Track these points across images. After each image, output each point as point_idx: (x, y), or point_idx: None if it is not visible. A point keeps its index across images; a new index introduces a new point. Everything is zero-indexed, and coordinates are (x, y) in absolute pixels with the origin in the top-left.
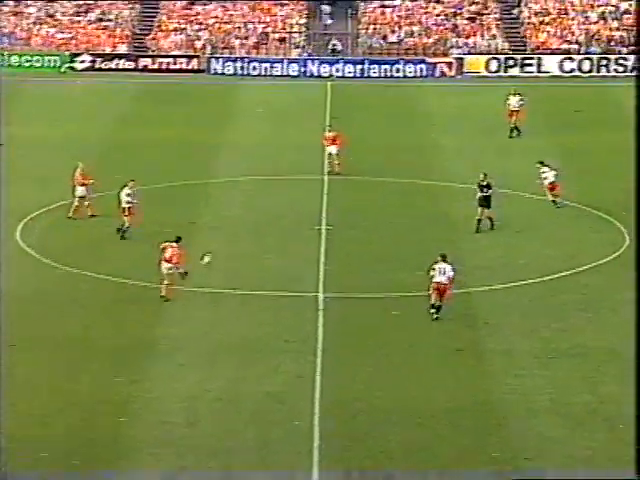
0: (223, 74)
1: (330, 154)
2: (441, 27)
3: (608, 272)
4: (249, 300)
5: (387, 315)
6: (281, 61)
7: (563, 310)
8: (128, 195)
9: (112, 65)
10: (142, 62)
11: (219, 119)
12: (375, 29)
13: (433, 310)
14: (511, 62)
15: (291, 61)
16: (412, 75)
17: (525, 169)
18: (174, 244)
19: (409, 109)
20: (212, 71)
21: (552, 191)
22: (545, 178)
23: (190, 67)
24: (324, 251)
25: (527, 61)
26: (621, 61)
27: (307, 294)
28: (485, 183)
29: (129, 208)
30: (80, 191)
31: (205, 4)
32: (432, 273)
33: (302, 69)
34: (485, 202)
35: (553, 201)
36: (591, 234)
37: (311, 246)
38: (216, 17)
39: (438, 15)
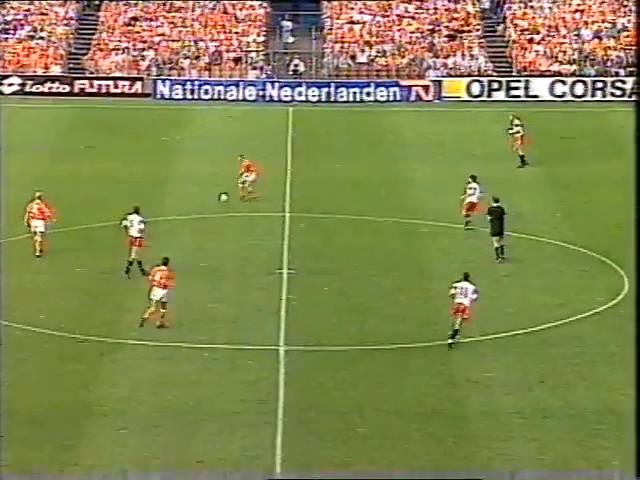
0: (171, 99)
1: (245, 181)
2: (416, 46)
3: (605, 322)
4: (200, 354)
5: (356, 370)
6: (236, 84)
7: (554, 365)
8: (141, 223)
9: (44, 89)
10: (78, 85)
11: (166, 150)
12: (342, 48)
13: (450, 339)
14: (495, 85)
15: (248, 84)
16: (384, 99)
17: (513, 204)
18: (163, 267)
19: (380, 138)
20: (158, 95)
21: (469, 211)
22: (470, 195)
23: (133, 91)
24: (285, 298)
25: (513, 84)
26: (618, 84)
27: (266, 347)
28: (496, 206)
29: (140, 238)
30: (41, 226)
31: (151, 20)
32: (452, 292)
33: (260, 93)
34: (498, 229)
35: (466, 222)
36: (586, 279)
37: (271, 293)
38: (163, 34)
39: (413, 32)
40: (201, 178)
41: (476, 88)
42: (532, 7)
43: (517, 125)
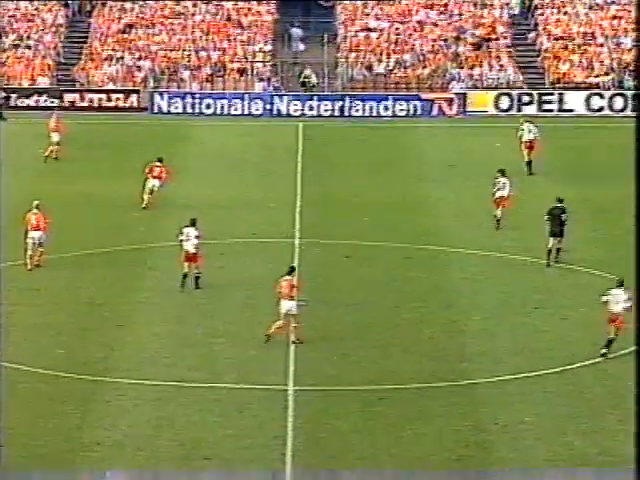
0: (169, 113)
1: (153, 187)
2: (439, 55)
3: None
4: (201, 395)
5: (372, 413)
6: (241, 97)
7: (589, 408)
8: (197, 237)
9: (31, 102)
10: (68, 98)
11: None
12: (357, 57)
13: (604, 349)
14: (526, 98)
15: (254, 97)
16: (404, 114)
17: (541, 230)
18: (288, 276)
19: (400, 156)
20: (155, 109)
21: (499, 205)
22: (499, 189)
23: (128, 104)
24: (294, 334)
25: (546, 97)
26: None
27: (273, 387)
28: (558, 206)
29: (195, 253)
30: (39, 237)
31: (147, 27)
32: (604, 299)
33: (267, 107)
34: (556, 230)
35: (497, 220)
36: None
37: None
38: (160, 43)
39: (435, 40)
40: (201, 201)
41: (505, 102)
42: (566, 13)
43: (525, 130)
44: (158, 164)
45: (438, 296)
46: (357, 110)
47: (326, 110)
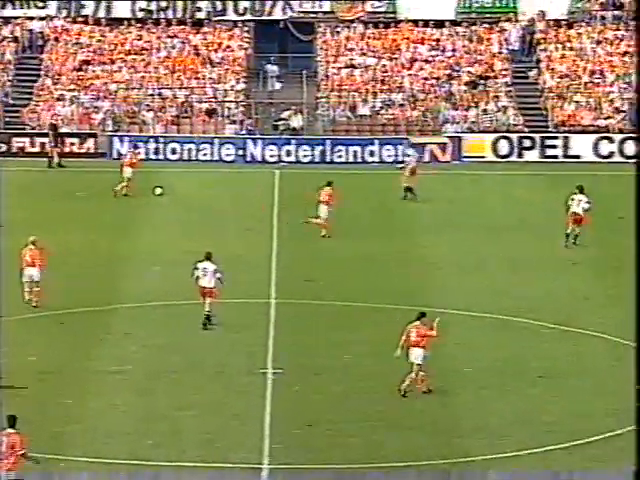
0: None
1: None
2: (431, 95)
3: None
4: (167, 476)
5: None
6: (211, 141)
7: None
8: (216, 271)
9: None
10: (17, 143)
11: (124, 222)
12: (340, 97)
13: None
14: (527, 143)
15: (225, 141)
16: (391, 160)
17: (546, 290)
18: (417, 322)
19: (388, 206)
20: (115, 155)
21: (574, 224)
22: (574, 206)
23: (84, 149)
24: (270, 405)
25: (549, 142)
26: None
27: (247, 465)
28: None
29: (213, 288)
30: (35, 274)
31: (105, 63)
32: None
33: (240, 152)
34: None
35: (567, 235)
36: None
37: (252, 398)
38: (121, 81)
39: (426, 79)
40: (166, 256)
41: (504, 147)
42: (572, 48)
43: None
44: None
45: (429, 363)
46: (340, 156)
47: (305, 156)
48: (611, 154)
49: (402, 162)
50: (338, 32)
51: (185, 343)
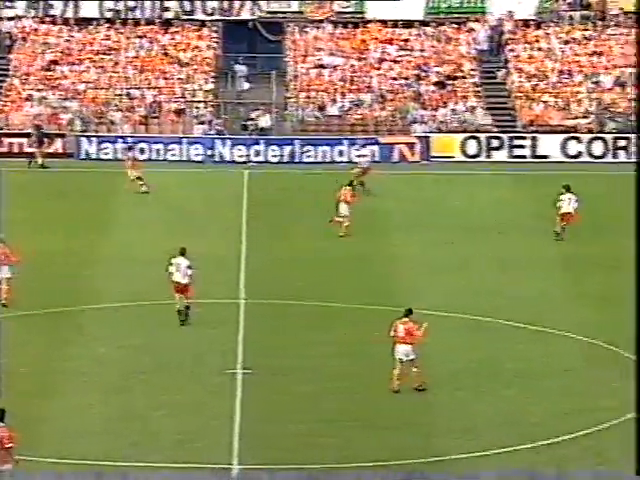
0: (98, 159)
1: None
2: (399, 95)
3: (628, 434)
4: (136, 476)
5: None
6: (179, 141)
7: None
8: (189, 267)
9: None
10: None
11: (93, 223)
12: (309, 97)
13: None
14: (495, 143)
15: (193, 141)
16: (364, 160)
17: (518, 290)
18: (405, 319)
19: (358, 206)
20: (83, 155)
21: (563, 222)
22: (563, 205)
23: (52, 150)
24: (240, 405)
25: (517, 142)
26: None
27: (217, 465)
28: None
29: (188, 285)
30: (5, 271)
31: (74, 64)
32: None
33: (209, 152)
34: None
35: (556, 232)
36: (608, 381)
37: (223, 398)
38: (89, 81)
39: (395, 79)
40: (136, 257)
41: (472, 147)
42: (540, 49)
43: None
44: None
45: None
46: (309, 156)
47: (274, 156)
48: (579, 154)
49: (355, 163)
50: (307, 32)
51: (156, 343)
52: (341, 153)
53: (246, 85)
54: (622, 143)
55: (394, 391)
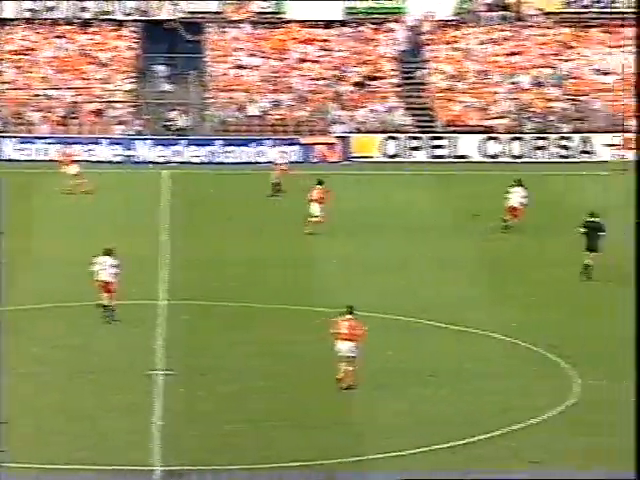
0: (17, 160)
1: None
2: (319, 95)
3: (542, 433)
4: (56, 478)
5: None
6: (98, 142)
7: None
8: (114, 266)
9: None
10: None
11: (12, 223)
12: (229, 97)
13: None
14: (415, 143)
15: (113, 142)
16: (281, 160)
17: (438, 290)
18: (348, 316)
19: (279, 207)
20: (4, 157)
21: (510, 214)
22: (510, 199)
23: None
24: (162, 406)
25: (437, 142)
26: (564, 142)
27: (138, 467)
28: (591, 221)
29: (112, 283)
30: None
31: None
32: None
33: (128, 153)
34: (592, 244)
35: (505, 224)
36: (528, 380)
37: (144, 399)
38: (7, 81)
39: (315, 79)
40: (57, 258)
41: (391, 147)
42: (459, 49)
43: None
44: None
45: (323, 363)
46: (229, 156)
47: (195, 157)
48: (498, 154)
49: (276, 163)
50: (226, 32)
51: (78, 344)
52: (261, 154)
53: (166, 85)
54: (540, 143)
55: (342, 388)
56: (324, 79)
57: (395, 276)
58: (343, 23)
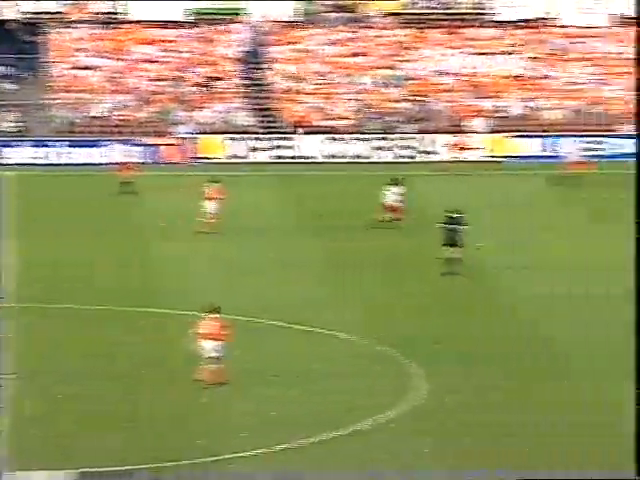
0: None
1: None
2: (161, 96)
3: (391, 432)
4: None
5: None
6: None
7: None
8: None
9: None
10: None
11: None
12: (71, 98)
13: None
14: (259, 144)
15: None
16: (129, 159)
17: (281, 290)
18: (212, 315)
19: (120, 209)
20: None
21: (386, 211)
22: (385, 196)
23: None
24: (5, 409)
25: (280, 142)
26: (406, 142)
27: None
28: (455, 216)
29: None
30: None
31: None
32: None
33: None
34: (450, 240)
35: (381, 221)
36: (367, 379)
37: None
38: None
39: (155, 80)
40: None
41: (235, 147)
42: (301, 50)
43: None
44: None
45: (164, 366)
46: (73, 157)
47: (37, 158)
48: (340, 154)
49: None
50: (67, 33)
51: None
52: (104, 155)
53: (9, 86)
54: (382, 143)
55: (205, 387)
56: (166, 80)
57: (238, 276)
58: (184, 24)
